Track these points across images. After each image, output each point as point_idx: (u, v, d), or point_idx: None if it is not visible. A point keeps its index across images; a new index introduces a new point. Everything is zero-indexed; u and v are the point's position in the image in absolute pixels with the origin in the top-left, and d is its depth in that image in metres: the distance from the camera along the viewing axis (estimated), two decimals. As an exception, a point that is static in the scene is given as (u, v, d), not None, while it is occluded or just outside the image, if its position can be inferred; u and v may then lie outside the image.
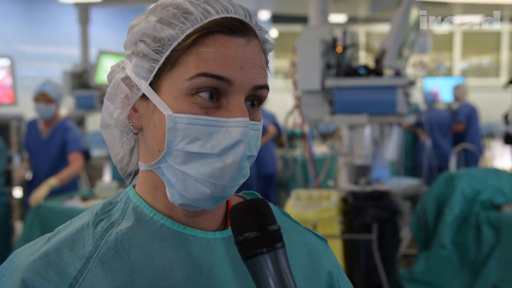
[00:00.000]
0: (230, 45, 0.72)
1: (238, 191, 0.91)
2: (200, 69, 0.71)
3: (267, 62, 0.79)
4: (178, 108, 0.72)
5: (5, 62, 5.04)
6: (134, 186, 0.83)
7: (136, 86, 0.75)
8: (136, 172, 0.86)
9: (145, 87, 0.74)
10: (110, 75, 0.80)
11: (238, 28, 0.73)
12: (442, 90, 7.83)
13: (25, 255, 0.75)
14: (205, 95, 0.71)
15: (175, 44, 0.72)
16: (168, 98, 0.72)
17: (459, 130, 6.59)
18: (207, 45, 0.71)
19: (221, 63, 0.71)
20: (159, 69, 0.73)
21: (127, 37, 0.77)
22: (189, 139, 0.71)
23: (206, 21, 0.72)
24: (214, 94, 0.72)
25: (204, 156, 0.72)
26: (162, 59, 0.73)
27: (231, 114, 0.72)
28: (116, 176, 5.75)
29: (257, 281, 0.69)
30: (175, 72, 0.72)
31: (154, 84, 0.74)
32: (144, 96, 0.75)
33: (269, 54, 0.82)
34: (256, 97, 0.76)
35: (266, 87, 0.76)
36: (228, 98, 0.73)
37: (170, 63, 0.72)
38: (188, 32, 0.72)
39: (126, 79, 0.76)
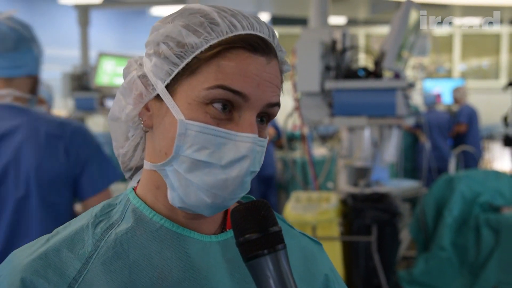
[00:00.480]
0: (251, 62, 0.73)
1: None
2: (219, 81, 0.72)
3: (281, 82, 0.81)
4: (191, 115, 0.73)
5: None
6: (134, 189, 0.84)
7: (152, 85, 0.76)
8: (138, 168, 0.87)
9: (161, 88, 0.75)
10: (127, 69, 0.81)
11: (261, 46, 0.74)
12: (443, 92, 7.85)
13: (24, 255, 0.75)
14: (218, 106, 0.72)
15: (197, 52, 0.73)
16: (182, 103, 0.74)
17: (460, 131, 6.60)
18: (229, 58, 0.72)
19: (240, 78, 0.72)
20: (178, 73, 0.74)
21: (150, 36, 0.78)
22: (198, 147, 0.72)
23: (231, 34, 0.73)
24: (227, 106, 0.73)
25: (210, 165, 0.73)
26: (183, 64, 0.74)
27: (241, 129, 0.73)
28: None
29: (258, 282, 0.69)
30: (193, 79, 0.73)
31: (170, 87, 0.75)
32: (158, 97, 0.76)
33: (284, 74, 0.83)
34: (266, 114, 0.77)
35: (278, 105, 0.77)
36: (240, 113, 0.74)
37: (190, 69, 0.73)
38: (212, 42, 0.73)
39: (143, 77, 0.77)
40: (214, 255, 0.80)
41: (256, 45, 0.74)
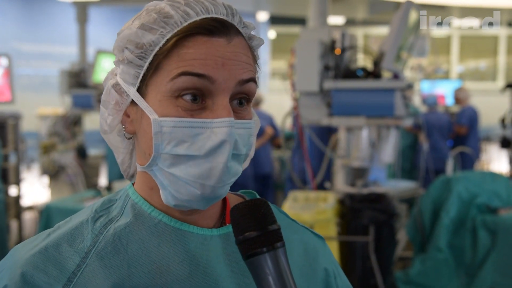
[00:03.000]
0: (210, 45, 0.72)
1: (235, 191, 0.91)
2: (180, 69, 0.71)
3: (255, 58, 0.79)
4: (164, 112, 0.73)
5: (2, 60, 5.03)
6: (133, 184, 0.84)
7: (125, 92, 0.77)
8: None
9: (133, 93, 0.76)
10: (105, 82, 0.82)
11: (217, 28, 0.73)
12: (443, 93, 7.88)
13: (25, 249, 0.76)
14: (188, 97, 0.72)
15: (156, 49, 0.73)
16: (154, 102, 0.73)
17: (461, 133, 6.60)
18: (187, 47, 0.72)
19: (201, 62, 0.72)
20: (144, 74, 0.74)
21: (114, 44, 0.78)
22: (175, 142, 0.72)
23: (186, 23, 0.73)
24: (197, 96, 0.72)
25: (192, 158, 0.72)
26: (146, 65, 0.74)
27: (216, 114, 0.72)
28: (111, 176, 5.73)
29: (257, 280, 0.70)
30: (158, 76, 0.73)
31: (141, 90, 0.75)
32: (133, 102, 0.76)
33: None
34: (243, 94, 0.76)
35: (252, 80, 0.76)
36: (213, 99, 0.73)
37: (153, 67, 0.73)
38: (168, 36, 0.73)
39: (116, 86, 0.78)
40: (214, 248, 0.80)
41: (212, 28, 0.73)
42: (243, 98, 0.76)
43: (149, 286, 0.74)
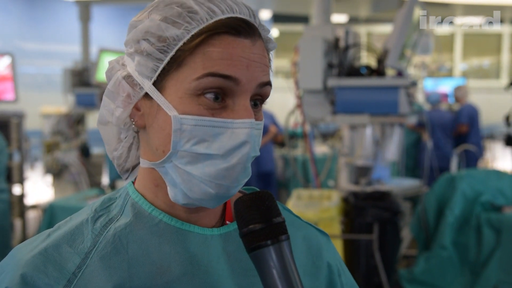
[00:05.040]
0: (236, 45, 0.71)
1: None
2: (207, 69, 0.70)
3: (269, 61, 0.79)
4: (184, 109, 0.71)
5: (5, 59, 5.03)
6: (133, 182, 0.83)
7: (139, 85, 0.75)
8: (134, 167, 0.86)
9: (148, 86, 0.74)
10: (110, 72, 0.79)
11: (244, 29, 0.72)
12: (446, 91, 7.86)
13: (25, 250, 0.75)
14: (210, 96, 0.71)
15: (180, 44, 0.71)
16: (173, 98, 0.72)
17: (461, 131, 6.59)
18: (213, 45, 0.71)
19: (228, 62, 0.70)
20: (163, 68, 0.72)
21: (129, 35, 0.76)
22: (196, 140, 0.71)
23: (212, 21, 0.71)
24: (219, 95, 0.72)
25: (210, 157, 0.72)
26: (167, 59, 0.72)
27: (237, 115, 0.72)
28: (114, 174, 5.73)
29: (261, 272, 0.69)
30: (181, 72, 0.71)
31: (158, 84, 0.73)
32: (147, 95, 0.74)
33: (271, 52, 0.82)
34: (259, 96, 0.76)
35: (269, 84, 0.76)
36: (234, 99, 0.72)
37: (176, 63, 0.72)
38: (193, 32, 0.71)
39: (128, 78, 0.76)
40: (215, 248, 0.79)
41: (239, 28, 0.72)
42: (259, 99, 0.76)
43: (150, 286, 0.74)
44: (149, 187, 0.79)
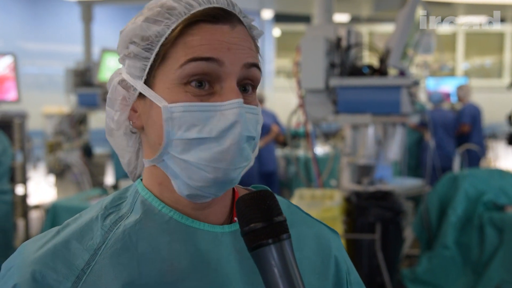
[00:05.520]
0: (214, 31, 0.74)
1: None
2: (188, 56, 0.72)
3: (257, 47, 0.80)
4: (173, 98, 0.73)
5: (8, 59, 5.04)
6: (142, 180, 0.84)
7: (132, 86, 0.77)
8: None
9: (140, 85, 0.76)
10: (109, 82, 0.82)
11: (221, 15, 0.75)
12: (449, 90, 7.85)
13: (34, 247, 0.76)
14: (196, 83, 0.73)
15: (162, 39, 0.74)
16: (163, 91, 0.74)
17: (464, 131, 6.58)
18: (192, 34, 0.73)
19: (208, 46, 0.73)
20: (151, 66, 0.75)
21: (118, 42, 0.79)
22: (186, 126, 0.73)
23: (190, 14, 0.74)
24: (204, 82, 0.73)
25: (203, 141, 0.73)
26: (153, 56, 0.75)
27: (225, 97, 0.73)
28: (118, 175, 5.74)
29: (262, 271, 0.69)
30: (166, 65, 0.74)
31: (149, 82, 0.76)
32: (141, 95, 0.77)
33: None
34: (248, 80, 0.77)
35: (256, 66, 0.77)
36: (221, 83, 0.74)
37: (160, 57, 0.74)
38: (173, 26, 0.74)
39: (122, 82, 0.79)
40: (226, 245, 0.79)
41: (216, 15, 0.74)
42: (248, 84, 0.77)
43: (160, 283, 0.74)
44: (153, 185, 0.80)
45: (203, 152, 0.73)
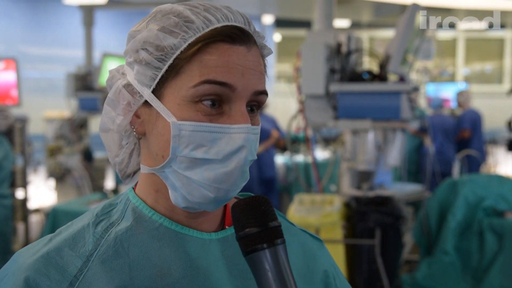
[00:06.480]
0: (232, 53, 0.74)
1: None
2: (204, 77, 0.72)
3: (265, 66, 0.81)
4: (182, 115, 0.73)
5: (9, 63, 5.04)
6: (133, 188, 0.85)
7: (139, 93, 0.77)
8: (135, 173, 0.88)
9: (148, 94, 0.76)
10: (110, 81, 0.82)
11: (239, 36, 0.75)
12: (448, 96, 7.86)
13: (27, 254, 0.77)
14: (207, 102, 0.73)
15: (177, 52, 0.74)
16: (172, 105, 0.74)
17: (465, 137, 6.58)
18: (209, 53, 0.73)
19: (224, 69, 0.73)
20: (162, 77, 0.75)
21: (128, 45, 0.78)
22: (194, 146, 0.73)
23: (208, 29, 0.74)
24: (216, 102, 0.74)
25: (208, 162, 0.74)
26: (165, 67, 0.74)
27: (234, 120, 0.74)
28: (119, 179, 5.73)
29: (257, 276, 0.70)
30: (178, 80, 0.74)
31: (157, 92, 0.76)
32: (146, 103, 0.77)
33: (270, 58, 0.84)
34: (255, 102, 0.78)
35: (265, 93, 0.78)
36: (230, 105, 0.75)
37: (174, 71, 0.74)
38: (190, 41, 0.74)
39: (128, 86, 0.78)
40: (213, 252, 0.81)
41: (234, 36, 0.74)
42: (255, 105, 0.78)
43: None
44: (149, 192, 0.81)
45: (207, 172, 0.74)
